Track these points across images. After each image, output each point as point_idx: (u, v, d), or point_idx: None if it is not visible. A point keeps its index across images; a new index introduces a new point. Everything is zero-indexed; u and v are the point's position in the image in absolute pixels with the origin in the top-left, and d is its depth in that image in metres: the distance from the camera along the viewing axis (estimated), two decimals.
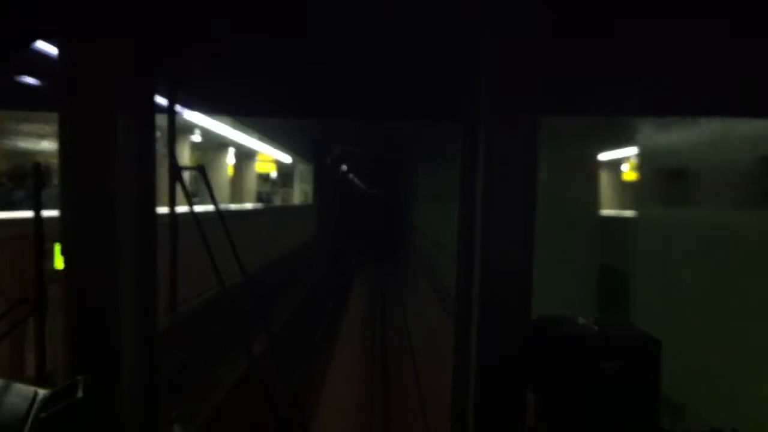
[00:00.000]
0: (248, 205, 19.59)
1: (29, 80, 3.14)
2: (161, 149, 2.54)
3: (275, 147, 21.82)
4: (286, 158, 24.65)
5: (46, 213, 2.18)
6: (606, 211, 9.08)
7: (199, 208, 2.53)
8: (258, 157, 22.84)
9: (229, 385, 8.16)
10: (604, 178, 9.10)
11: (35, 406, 1.49)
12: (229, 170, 19.06)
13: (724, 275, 4.77)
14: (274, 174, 26.66)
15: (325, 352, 12.60)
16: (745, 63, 2.51)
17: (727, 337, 4.52)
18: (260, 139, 19.23)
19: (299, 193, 29.50)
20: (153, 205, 2.47)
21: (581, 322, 2.49)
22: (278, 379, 2.45)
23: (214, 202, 2.78)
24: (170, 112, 2.53)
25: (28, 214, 2.25)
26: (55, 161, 2.30)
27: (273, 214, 19.97)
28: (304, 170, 29.25)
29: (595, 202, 8.38)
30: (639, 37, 2.51)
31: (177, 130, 2.71)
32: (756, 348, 4.23)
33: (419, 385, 9.97)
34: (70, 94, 2.21)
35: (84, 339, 2.16)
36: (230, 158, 18.94)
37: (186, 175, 2.60)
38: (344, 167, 33.00)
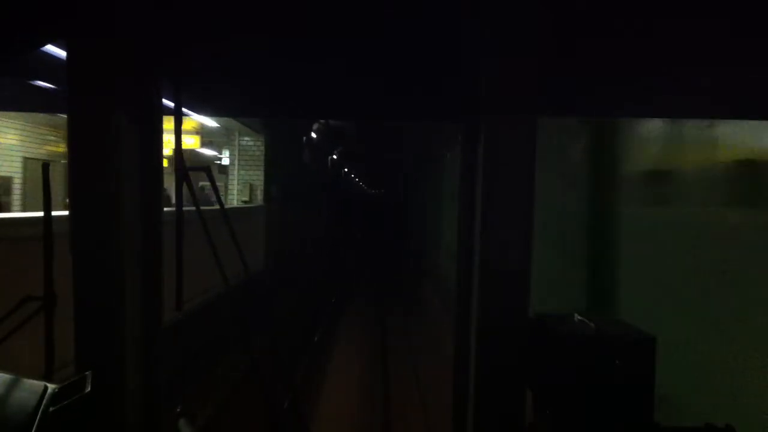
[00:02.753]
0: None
1: (35, 81, 3.18)
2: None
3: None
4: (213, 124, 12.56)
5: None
6: (596, 208, 9.34)
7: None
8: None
9: None
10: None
11: (44, 400, 1.53)
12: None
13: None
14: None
15: None
16: (746, 63, 2.51)
17: (694, 324, 4.80)
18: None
19: (239, 188, 15.07)
20: (158, 204, 2.50)
21: (577, 320, 2.51)
22: None
23: (219, 203, 2.82)
24: (175, 112, 2.56)
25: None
26: None
27: None
28: (250, 147, 15.09)
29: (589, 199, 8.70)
30: (639, 37, 2.51)
31: None
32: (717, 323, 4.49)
33: None
34: (71, 94, 2.24)
35: (91, 336, 2.22)
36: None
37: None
38: (335, 156, 23.29)
